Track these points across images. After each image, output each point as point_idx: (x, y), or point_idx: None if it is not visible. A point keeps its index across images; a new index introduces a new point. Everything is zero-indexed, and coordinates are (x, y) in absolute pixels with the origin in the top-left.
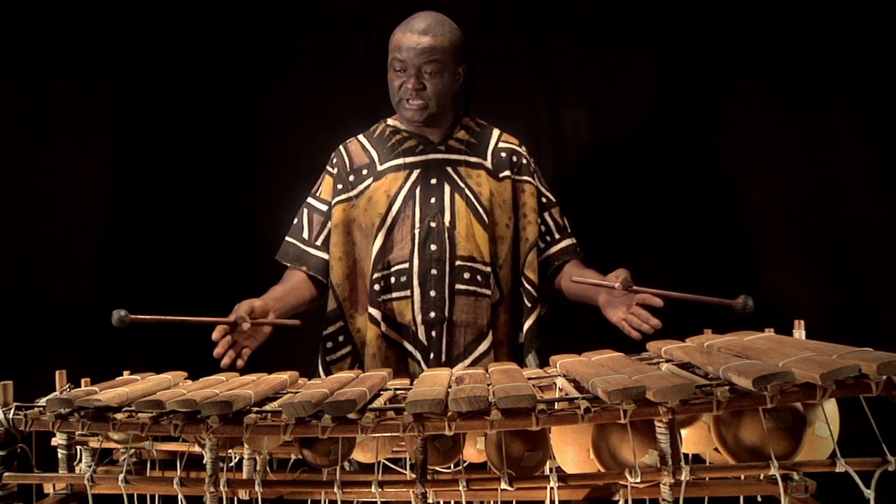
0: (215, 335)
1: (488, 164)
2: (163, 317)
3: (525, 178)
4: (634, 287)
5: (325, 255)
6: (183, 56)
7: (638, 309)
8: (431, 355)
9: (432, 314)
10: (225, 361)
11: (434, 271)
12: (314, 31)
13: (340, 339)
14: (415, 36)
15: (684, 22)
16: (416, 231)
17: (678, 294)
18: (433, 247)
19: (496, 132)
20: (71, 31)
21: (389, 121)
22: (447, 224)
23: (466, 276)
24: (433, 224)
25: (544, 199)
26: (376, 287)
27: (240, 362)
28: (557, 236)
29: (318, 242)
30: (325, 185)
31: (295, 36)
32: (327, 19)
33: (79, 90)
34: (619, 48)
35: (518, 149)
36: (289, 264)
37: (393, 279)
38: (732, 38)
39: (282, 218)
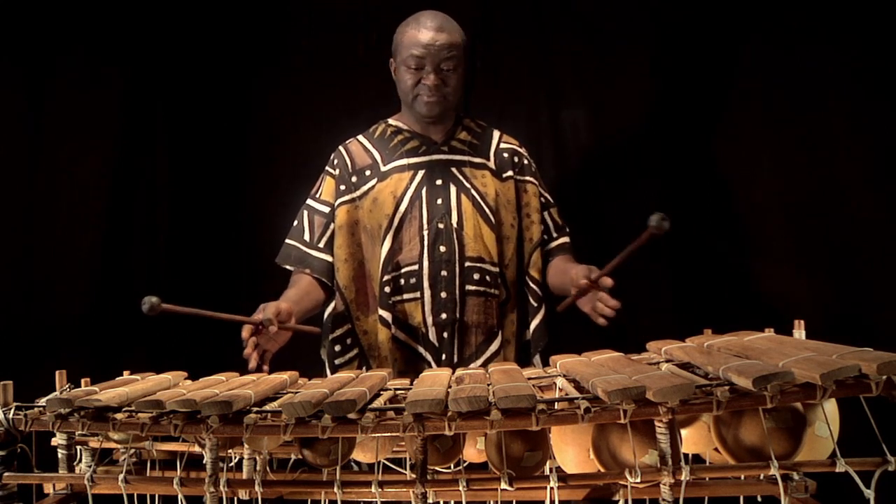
0: (244, 334)
1: (492, 164)
2: (193, 309)
3: (528, 178)
4: (595, 275)
5: (328, 258)
6: (183, 56)
7: (601, 295)
8: (443, 356)
9: (444, 315)
10: (252, 364)
11: (444, 272)
12: (314, 31)
13: (348, 341)
14: (431, 32)
15: (684, 22)
16: (425, 233)
17: (620, 257)
18: (442, 248)
19: (496, 133)
20: (71, 31)
21: (391, 120)
22: (455, 225)
23: (476, 276)
24: (441, 225)
25: (544, 199)
26: (386, 289)
27: (265, 367)
28: (555, 235)
29: (321, 245)
30: (327, 187)
31: (295, 36)
32: (327, 19)
33: (79, 90)
34: (619, 48)
35: (519, 149)
36: (290, 267)
37: (403, 281)
38: (732, 38)
39: (282, 218)
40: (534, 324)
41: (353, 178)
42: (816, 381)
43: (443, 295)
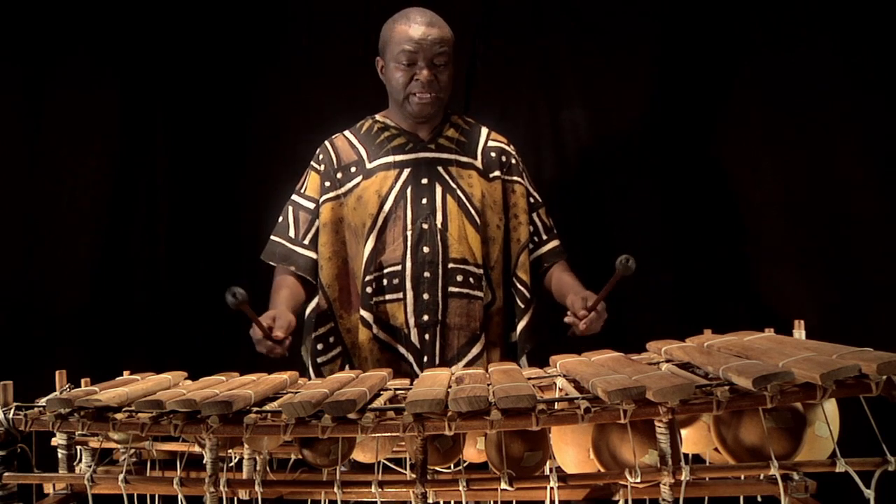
0: (262, 345)
1: (479, 163)
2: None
3: (515, 178)
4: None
5: (312, 255)
6: (183, 56)
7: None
8: (425, 358)
9: (426, 317)
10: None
11: (427, 274)
12: (314, 31)
13: (331, 339)
14: (422, 28)
15: (684, 22)
16: (409, 233)
17: (604, 292)
18: (426, 249)
19: (484, 130)
20: (71, 32)
21: (377, 116)
22: (439, 226)
23: (459, 278)
24: (425, 226)
25: (532, 200)
26: (368, 289)
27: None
28: (545, 237)
29: (306, 241)
30: (311, 182)
31: (295, 36)
32: (327, 19)
33: (79, 90)
34: (619, 48)
35: (507, 148)
36: (275, 264)
37: (385, 281)
38: (733, 38)
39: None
40: (520, 325)
41: (339, 175)
42: (816, 381)
43: (425, 296)
